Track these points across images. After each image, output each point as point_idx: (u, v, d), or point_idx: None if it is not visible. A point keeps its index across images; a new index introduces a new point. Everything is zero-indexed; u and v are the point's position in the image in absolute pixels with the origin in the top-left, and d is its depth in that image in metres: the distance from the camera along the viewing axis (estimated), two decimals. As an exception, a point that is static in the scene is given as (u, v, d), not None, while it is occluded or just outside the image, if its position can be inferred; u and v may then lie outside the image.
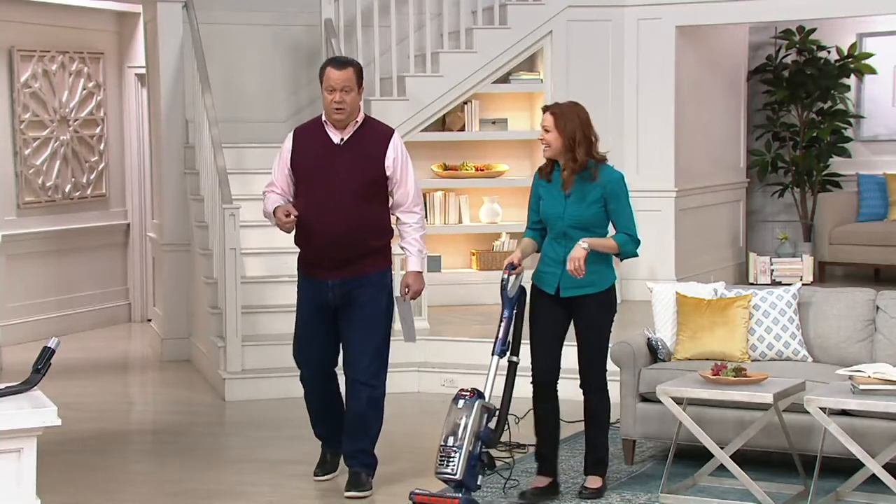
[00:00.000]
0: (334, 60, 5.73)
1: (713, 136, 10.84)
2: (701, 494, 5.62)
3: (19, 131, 9.89)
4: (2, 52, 9.70)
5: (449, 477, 5.06)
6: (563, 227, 5.44)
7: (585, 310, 5.49)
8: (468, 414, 5.13)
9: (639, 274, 9.85)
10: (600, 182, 5.42)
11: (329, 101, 5.58)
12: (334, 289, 5.63)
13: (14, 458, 4.00)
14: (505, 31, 9.86)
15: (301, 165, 5.69)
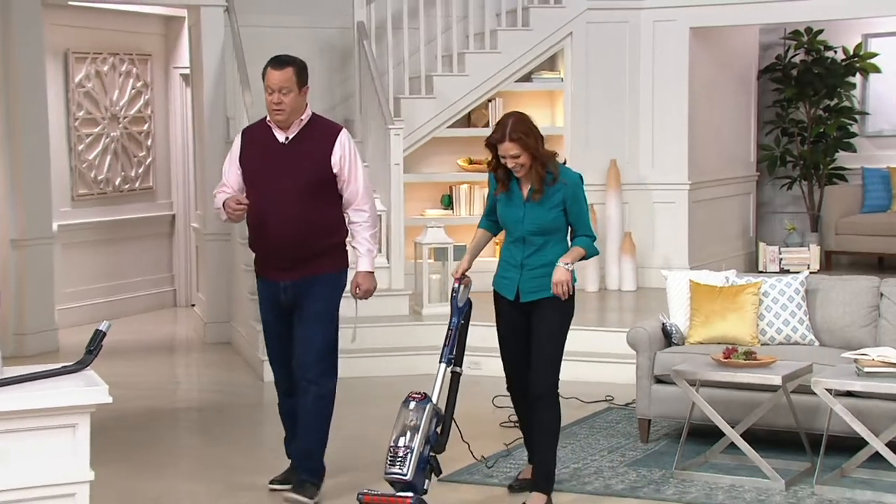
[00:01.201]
0: (274, 60, 5.25)
1: (725, 131, 10.81)
2: (713, 471, 5.61)
3: (73, 128, 9.95)
4: (58, 54, 9.75)
5: (399, 478, 4.71)
6: (521, 233, 5.07)
7: (543, 313, 5.07)
8: (419, 416, 4.81)
9: (654, 262, 9.86)
10: (562, 182, 5.03)
11: (268, 102, 5.15)
12: (286, 290, 5.24)
13: (70, 433, 4.03)
14: (527, 32, 9.85)
15: (248, 166, 5.28)
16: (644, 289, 9.72)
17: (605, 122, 9.96)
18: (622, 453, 6.01)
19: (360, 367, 7.77)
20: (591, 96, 9.95)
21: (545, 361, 5.07)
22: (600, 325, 8.36)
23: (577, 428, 6.53)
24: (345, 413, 6.83)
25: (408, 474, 4.70)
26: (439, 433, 4.91)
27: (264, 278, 5.34)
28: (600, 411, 6.91)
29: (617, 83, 9.98)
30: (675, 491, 5.39)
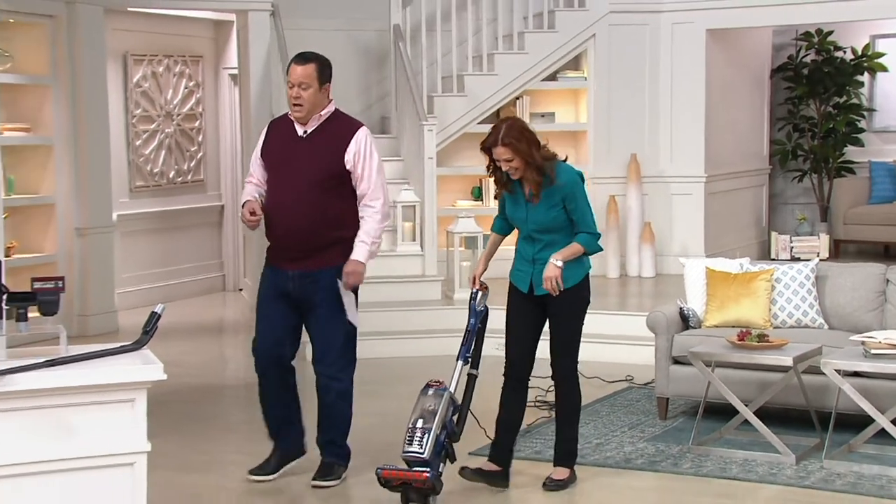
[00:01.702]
0: (298, 56, 5.06)
1: (739, 127, 10.76)
2: (727, 446, 5.60)
3: (131, 125, 10.01)
4: (118, 56, 9.81)
5: (416, 456, 4.63)
6: (527, 231, 5.00)
7: (558, 304, 4.97)
8: (437, 403, 4.75)
9: (672, 250, 9.83)
10: (559, 184, 4.90)
11: (289, 97, 5.01)
12: (294, 279, 5.04)
13: (128, 407, 4.06)
14: (553, 34, 9.82)
15: (268, 157, 5.13)
16: (662, 275, 9.69)
17: (626, 118, 9.93)
18: (642, 429, 6.01)
19: (395, 347, 7.79)
20: (613, 94, 9.91)
21: (564, 347, 5.02)
22: (621, 310, 8.35)
23: (599, 406, 6.52)
24: (379, 391, 6.88)
25: (425, 453, 4.64)
26: (455, 422, 4.86)
27: (274, 267, 5.12)
28: (621, 390, 6.90)
29: (637, 82, 9.94)
30: (691, 465, 5.38)
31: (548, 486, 4.97)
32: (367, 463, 5.17)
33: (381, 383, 7.10)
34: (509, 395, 5.08)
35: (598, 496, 4.99)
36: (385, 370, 7.44)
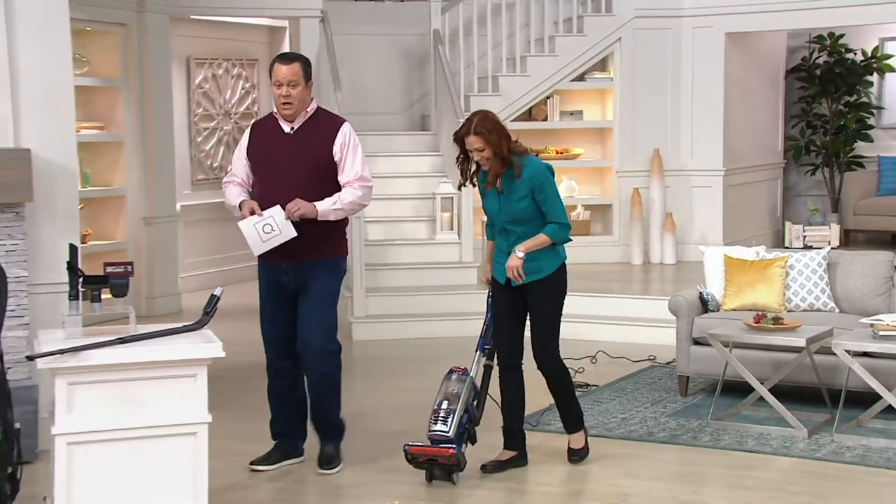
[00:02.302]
0: (281, 56, 4.87)
1: (756, 124, 10.67)
2: (743, 421, 5.57)
3: (193, 123, 10.06)
4: (181, 60, 9.86)
5: (441, 434, 4.60)
6: (501, 223, 4.81)
7: (535, 294, 4.81)
8: (461, 387, 4.71)
9: (692, 239, 9.78)
10: (525, 176, 4.71)
11: (277, 96, 4.77)
12: (288, 272, 4.83)
13: (191, 382, 4.09)
14: (581, 38, 9.77)
15: (256, 155, 4.88)
16: (683, 262, 9.64)
17: (650, 115, 9.86)
18: (664, 405, 5.98)
19: (434, 328, 7.80)
20: (638, 93, 9.85)
21: (543, 336, 4.83)
22: (645, 294, 8.30)
23: (624, 383, 6.49)
24: (420, 369, 6.88)
25: (450, 432, 4.62)
26: (476, 407, 4.81)
27: (266, 262, 4.90)
28: (644, 369, 6.87)
29: (660, 82, 9.88)
30: (710, 438, 5.35)
31: (572, 459, 4.94)
32: (406, 437, 5.16)
33: (420, 362, 7.11)
34: (506, 383, 4.93)
35: (623, 467, 4.97)
36: (425, 350, 7.45)
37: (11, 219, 5.11)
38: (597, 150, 10.12)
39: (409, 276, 8.37)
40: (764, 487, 4.69)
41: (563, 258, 4.87)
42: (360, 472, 4.90)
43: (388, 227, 8.71)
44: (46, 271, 5.28)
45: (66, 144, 5.38)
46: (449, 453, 4.59)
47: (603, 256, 9.69)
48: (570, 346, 7.26)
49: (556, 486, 4.72)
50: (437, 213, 8.58)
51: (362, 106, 9.58)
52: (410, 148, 9.43)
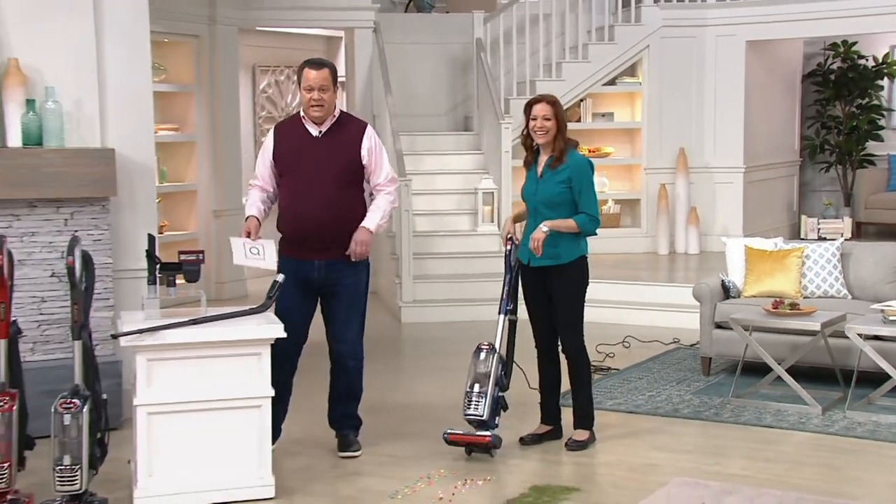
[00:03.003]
0: (311, 62, 4.62)
1: (774, 125, 10.55)
2: (762, 398, 5.52)
3: (258, 125, 10.13)
4: (248, 67, 9.93)
5: (476, 417, 4.56)
6: (534, 204, 4.68)
7: (554, 281, 4.68)
8: (488, 364, 4.61)
9: (714, 231, 9.72)
10: (569, 164, 4.63)
11: (308, 99, 4.56)
12: (320, 269, 4.60)
13: (255, 359, 4.14)
14: (612, 45, 9.71)
15: (284, 159, 4.64)
16: (706, 252, 9.57)
17: (676, 117, 9.78)
18: (688, 384, 5.93)
19: (475, 312, 7.78)
20: (665, 96, 9.78)
21: (567, 325, 4.71)
22: (670, 282, 8.24)
23: (651, 364, 6.45)
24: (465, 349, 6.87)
25: (483, 414, 4.59)
26: (504, 374, 4.75)
27: (296, 259, 4.61)
28: (670, 350, 6.83)
29: (685, 86, 9.79)
30: (731, 414, 5.31)
31: (570, 446, 4.74)
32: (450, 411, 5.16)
33: (463, 342, 7.05)
34: (543, 363, 4.86)
35: (650, 440, 4.94)
36: (467, 332, 7.43)
37: (98, 211, 5.18)
38: (626, 148, 10.06)
39: (453, 264, 8.38)
40: (781, 460, 4.65)
41: (584, 251, 4.74)
42: (407, 443, 4.90)
43: (433, 219, 8.72)
44: (128, 259, 5.35)
45: (145, 144, 5.44)
46: (485, 441, 4.58)
47: (632, 247, 9.64)
48: (601, 329, 7.27)
49: (589, 457, 4.71)
50: (479, 206, 8.59)
51: (411, 108, 9.59)
52: (454, 147, 9.43)
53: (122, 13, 5.32)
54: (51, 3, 5.15)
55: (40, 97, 5.06)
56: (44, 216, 5.07)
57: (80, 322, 3.98)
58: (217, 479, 4.07)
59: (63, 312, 5.06)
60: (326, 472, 4.53)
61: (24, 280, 5.00)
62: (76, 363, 4.01)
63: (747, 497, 4.11)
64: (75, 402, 3.89)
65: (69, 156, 5.04)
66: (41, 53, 5.11)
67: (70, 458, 3.87)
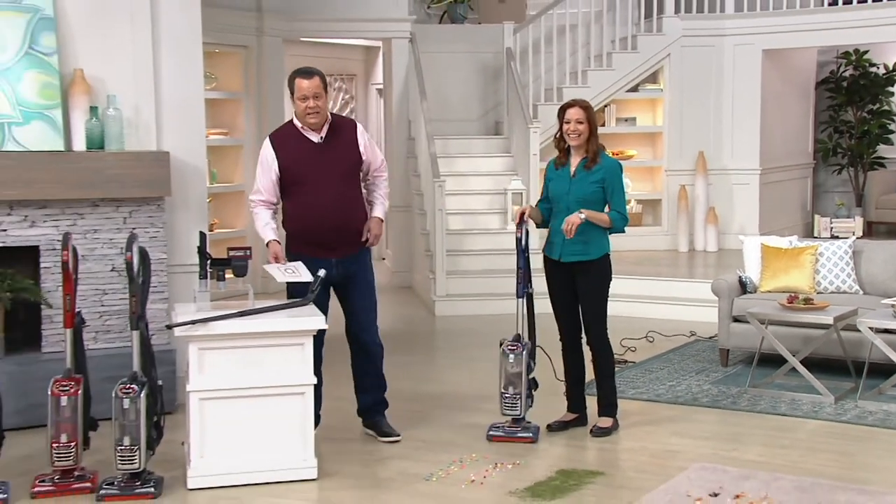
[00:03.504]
0: (301, 72, 4.49)
1: (789, 129, 10.44)
2: (777, 388, 5.46)
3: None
4: (291, 76, 9.98)
5: (514, 415, 4.63)
6: (567, 203, 4.61)
7: (583, 276, 4.65)
8: (520, 364, 4.60)
9: (732, 229, 9.64)
10: (602, 166, 4.62)
11: (303, 108, 4.45)
12: (337, 266, 4.54)
13: (299, 349, 4.15)
14: (635, 54, 9.65)
15: (290, 169, 4.51)
16: (724, 250, 9.48)
17: (695, 121, 9.71)
18: (707, 374, 5.89)
19: (505, 306, 7.71)
20: (685, 102, 9.70)
21: (593, 318, 4.68)
22: (690, 278, 8.16)
23: (671, 355, 6.41)
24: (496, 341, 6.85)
25: (521, 412, 4.64)
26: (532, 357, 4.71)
27: (314, 257, 4.51)
28: (689, 343, 6.78)
29: (704, 92, 9.71)
30: (747, 403, 5.26)
31: (595, 433, 4.71)
32: (481, 401, 5.15)
33: (493, 335, 6.98)
34: (569, 355, 4.83)
35: (670, 427, 4.91)
36: (497, 324, 7.39)
37: (154, 210, 5.22)
38: (648, 151, 10.00)
39: (484, 260, 8.37)
40: (795, 446, 4.60)
41: (608, 249, 4.72)
42: (440, 429, 4.90)
43: (465, 218, 8.71)
44: (181, 254, 5.39)
45: (197, 148, 5.48)
46: (529, 441, 4.62)
47: (653, 244, 9.58)
48: (624, 322, 7.23)
49: (613, 443, 4.69)
50: (508, 206, 8.56)
51: (444, 113, 9.59)
52: (485, 150, 9.42)
53: (177, 26, 5.36)
54: (113, 18, 5.20)
55: (102, 104, 5.12)
56: (105, 215, 5.13)
57: (137, 313, 4.02)
58: (263, 460, 4.10)
59: (122, 304, 5.11)
60: (364, 455, 4.54)
61: (87, 274, 5.06)
62: (134, 351, 4.05)
63: (763, 482, 4.08)
64: (134, 388, 3.93)
65: (128, 159, 5.09)
66: (104, 64, 5.17)
67: (129, 439, 3.91)
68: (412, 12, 9.47)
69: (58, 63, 5.05)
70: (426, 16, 10.45)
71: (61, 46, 5.08)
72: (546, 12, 9.56)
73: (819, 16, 9.35)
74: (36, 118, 5.00)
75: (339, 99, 10.75)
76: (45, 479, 4.03)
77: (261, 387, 4.09)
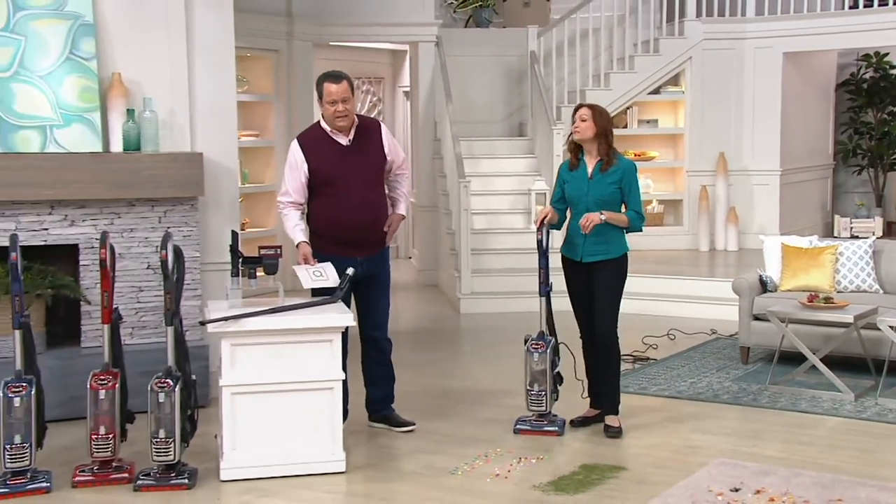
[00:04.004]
0: (329, 76, 4.51)
1: (809, 130, 10.34)
2: (797, 386, 5.41)
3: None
4: (320, 79, 10.02)
5: (540, 411, 4.64)
6: (586, 203, 4.59)
7: (601, 273, 4.62)
8: (544, 362, 4.61)
9: (752, 229, 9.56)
10: (618, 166, 4.59)
11: (332, 112, 4.46)
12: (362, 265, 4.56)
13: (328, 346, 4.16)
14: (657, 57, 9.59)
15: (320, 170, 4.51)
16: (744, 249, 9.42)
17: (716, 123, 9.64)
18: (727, 372, 5.85)
19: (528, 304, 7.71)
20: (706, 104, 9.64)
21: (606, 311, 4.63)
22: (711, 277, 8.11)
23: (692, 352, 6.37)
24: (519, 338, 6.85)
25: (547, 408, 4.65)
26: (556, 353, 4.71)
27: (339, 256, 4.53)
28: (710, 340, 6.73)
29: (725, 94, 9.64)
30: (768, 400, 5.22)
31: (610, 434, 4.64)
32: (506, 396, 5.13)
33: (517, 332, 6.98)
34: (590, 353, 4.80)
35: (692, 423, 4.88)
36: (521, 322, 7.38)
37: (187, 210, 5.26)
38: (670, 152, 9.94)
39: (508, 259, 8.36)
40: (815, 443, 4.56)
41: (627, 248, 4.70)
42: (465, 424, 4.90)
43: (490, 217, 8.70)
44: (214, 253, 5.43)
45: (229, 149, 5.52)
46: (555, 435, 4.64)
47: (674, 244, 9.53)
48: (646, 320, 7.20)
49: (635, 438, 4.67)
50: (532, 205, 8.55)
51: (469, 115, 9.59)
52: (509, 151, 9.41)
53: (210, 32, 5.40)
54: (150, 24, 5.25)
55: (139, 107, 5.16)
56: (140, 214, 5.17)
57: (172, 310, 4.05)
58: (294, 453, 4.11)
59: (157, 301, 5.16)
60: (390, 449, 4.55)
61: (124, 272, 5.11)
62: (169, 347, 4.08)
63: (784, 477, 4.05)
64: (168, 382, 3.96)
65: (163, 160, 5.13)
66: (140, 68, 5.22)
67: (164, 431, 3.95)
68: (438, 17, 9.48)
69: (97, 67, 5.10)
70: (452, 20, 10.45)
71: (100, 51, 5.14)
72: (569, 16, 9.53)
73: (839, 19, 9.26)
74: (76, 121, 5.06)
75: (367, 101, 10.77)
76: (85, 469, 4.07)
77: (290, 382, 4.11)
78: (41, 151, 4.99)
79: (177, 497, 3.93)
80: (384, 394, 4.82)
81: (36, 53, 5.00)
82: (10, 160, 4.89)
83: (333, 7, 9.12)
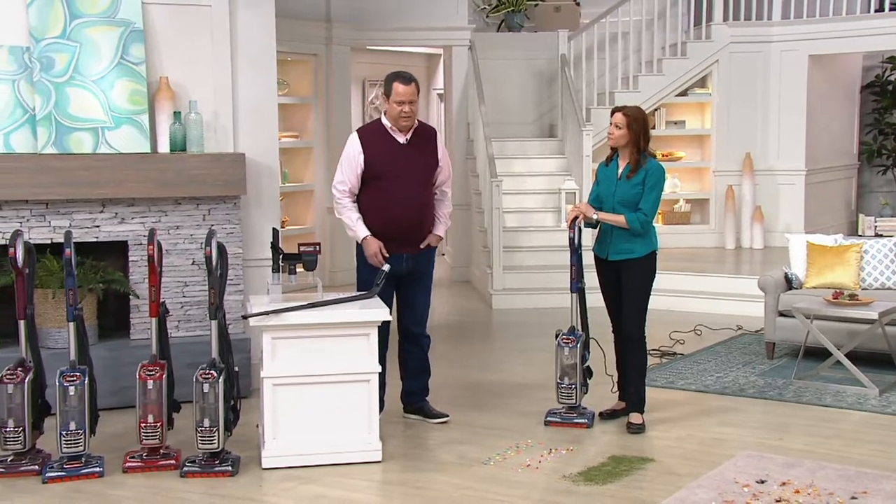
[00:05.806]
0: (400, 76, 4.53)
1: (834, 131, 10.18)
2: (822, 380, 5.34)
3: (366, 132, 10.23)
4: (358, 82, 10.03)
5: (570, 404, 4.63)
6: (612, 203, 4.54)
7: (628, 272, 4.55)
8: (575, 356, 4.59)
9: (778, 227, 9.45)
10: (646, 168, 4.50)
11: (398, 111, 4.46)
12: (408, 261, 4.57)
13: (364, 339, 4.17)
14: (685, 60, 9.50)
15: (376, 163, 4.51)
16: (770, 247, 9.30)
17: (743, 124, 9.53)
18: (753, 366, 5.78)
19: (559, 300, 7.70)
20: (732, 106, 9.53)
21: (635, 310, 4.56)
22: (737, 274, 8.01)
23: (719, 347, 6.31)
24: (550, 332, 6.82)
25: (576, 401, 4.63)
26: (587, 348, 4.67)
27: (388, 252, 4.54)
28: (736, 336, 6.65)
29: (752, 96, 9.52)
30: (793, 395, 5.15)
31: (632, 430, 4.56)
32: (536, 390, 5.11)
33: (547, 326, 6.98)
34: (621, 348, 4.72)
35: (718, 417, 4.83)
36: (551, 317, 7.39)
37: (230, 208, 5.29)
38: (697, 153, 9.84)
39: (539, 256, 8.33)
40: (840, 437, 4.49)
41: (656, 247, 4.60)
42: (498, 416, 4.88)
43: (521, 216, 8.67)
44: (256, 249, 5.45)
45: (271, 149, 5.54)
46: (584, 427, 4.61)
47: (701, 242, 9.44)
48: (673, 316, 7.14)
49: (662, 431, 4.62)
50: (562, 204, 8.51)
51: (501, 117, 9.56)
52: (540, 151, 9.36)
53: (253, 37, 5.43)
54: (196, 30, 5.29)
55: (185, 109, 5.20)
56: (186, 212, 5.21)
57: (216, 304, 4.08)
58: (332, 443, 4.12)
59: (202, 296, 5.20)
60: (425, 440, 4.54)
61: (170, 267, 5.15)
62: (213, 339, 4.10)
63: (809, 470, 3.99)
64: (213, 373, 3.99)
65: (207, 160, 5.16)
66: (186, 72, 5.26)
67: (209, 421, 3.97)
68: (471, 21, 9.45)
69: (146, 72, 5.15)
70: (485, 24, 10.42)
71: (149, 56, 5.18)
72: (599, 20, 9.47)
73: (864, 22, 9.11)
74: (126, 123, 5.11)
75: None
76: (135, 455, 4.12)
77: (329, 374, 4.12)
78: (93, 152, 5.05)
79: (221, 483, 3.96)
80: (419, 386, 4.82)
81: (90, 59, 5.06)
82: (66, 161, 4.95)
83: (371, 13, 9.13)
